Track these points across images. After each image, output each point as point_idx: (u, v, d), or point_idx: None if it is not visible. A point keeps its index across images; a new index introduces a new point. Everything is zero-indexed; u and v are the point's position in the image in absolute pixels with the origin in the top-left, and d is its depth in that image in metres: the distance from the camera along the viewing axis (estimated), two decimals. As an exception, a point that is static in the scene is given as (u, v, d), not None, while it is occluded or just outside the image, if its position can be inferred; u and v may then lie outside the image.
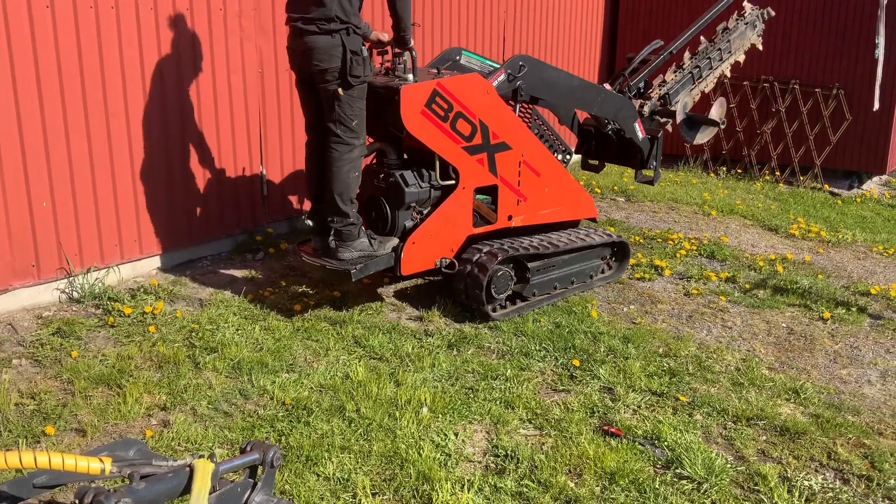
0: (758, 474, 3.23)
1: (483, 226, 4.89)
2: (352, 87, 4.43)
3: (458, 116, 4.55)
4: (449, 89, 4.49)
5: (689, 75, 5.78)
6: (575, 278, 5.15)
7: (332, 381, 3.83)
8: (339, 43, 4.36)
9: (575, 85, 5.17)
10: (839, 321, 4.88)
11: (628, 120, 5.37)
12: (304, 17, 4.40)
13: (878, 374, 4.22)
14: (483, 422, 3.59)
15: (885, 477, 3.26)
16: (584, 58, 9.79)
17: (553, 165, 5.13)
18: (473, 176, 4.72)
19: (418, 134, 4.49)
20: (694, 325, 4.78)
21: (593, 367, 4.12)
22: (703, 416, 3.71)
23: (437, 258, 4.71)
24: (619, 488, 3.10)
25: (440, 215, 4.67)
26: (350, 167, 4.51)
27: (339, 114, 4.45)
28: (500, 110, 4.76)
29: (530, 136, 5.01)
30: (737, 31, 6.03)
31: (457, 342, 4.36)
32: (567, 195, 5.24)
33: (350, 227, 4.56)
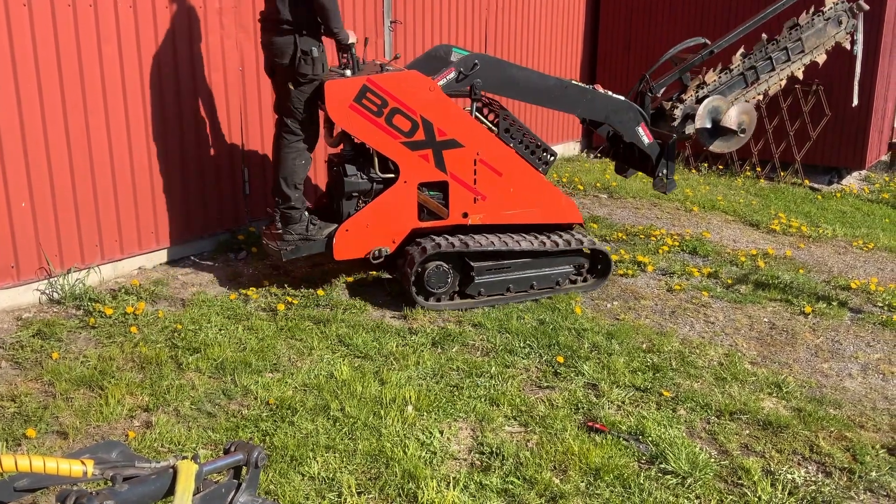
0: (741, 468, 3.25)
1: (432, 220, 4.90)
2: (301, 85, 4.76)
3: (394, 112, 4.63)
4: (381, 85, 4.57)
5: (741, 77, 5.35)
6: (536, 282, 5.05)
7: (317, 381, 3.82)
8: (292, 42, 4.67)
9: (548, 84, 5.07)
10: (820, 315, 4.92)
11: (626, 123, 5.20)
12: (266, 16, 4.81)
13: (858, 368, 4.26)
14: (468, 419, 3.59)
15: (867, 469, 3.29)
16: (565, 52, 9.81)
17: (520, 166, 5.03)
18: (416, 171, 4.78)
19: (347, 126, 4.65)
20: (677, 321, 4.80)
21: (577, 364, 4.13)
22: (687, 411, 3.73)
23: (372, 247, 4.81)
24: (604, 484, 3.11)
25: (376, 206, 4.79)
26: (296, 155, 4.87)
27: (290, 107, 4.81)
28: (446, 108, 4.75)
29: (488, 135, 4.94)
30: (811, 28, 5.45)
31: (441, 340, 4.36)
32: (540, 198, 5.11)
33: (291, 211, 4.87)
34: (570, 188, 8.24)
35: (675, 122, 5.25)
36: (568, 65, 9.89)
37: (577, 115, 5.31)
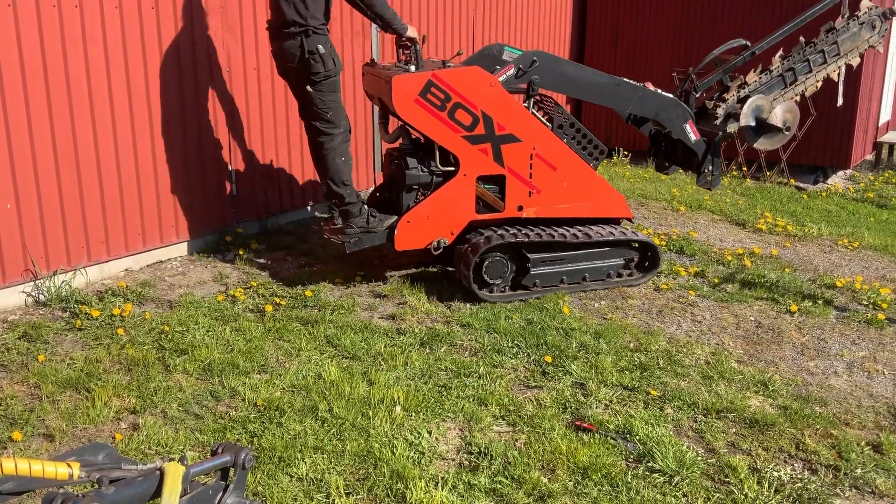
0: (728, 466, 3.27)
1: (488, 213, 5.03)
2: (317, 84, 4.82)
3: (456, 106, 4.76)
4: (446, 80, 4.71)
5: (780, 78, 5.51)
6: (588, 274, 5.19)
7: (305, 382, 3.81)
8: (298, 45, 4.75)
9: (602, 81, 5.22)
10: (806, 314, 4.96)
11: (675, 120, 5.34)
12: (273, 23, 4.89)
13: (844, 366, 4.29)
14: (456, 419, 3.59)
15: (852, 466, 3.32)
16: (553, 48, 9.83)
17: (573, 161, 5.17)
18: (475, 164, 4.91)
19: (411, 121, 4.77)
20: (664, 320, 4.82)
21: (565, 363, 4.14)
22: (674, 409, 3.75)
23: (432, 239, 4.95)
24: (591, 483, 3.12)
25: (436, 198, 4.91)
26: (334, 154, 4.96)
27: (314, 109, 4.89)
28: (507, 103, 4.89)
29: (544, 131, 5.08)
30: (847, 31, 5.63)
31: (429, 340, 4.36)
32: (592, 192, 5.25)
33: (349, 207, 5.00)
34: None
35: (718, 120, 5.40)
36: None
37: (628, 111, 5.36)
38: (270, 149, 6.16)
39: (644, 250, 5.37)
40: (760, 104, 5.37)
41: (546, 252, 5.03)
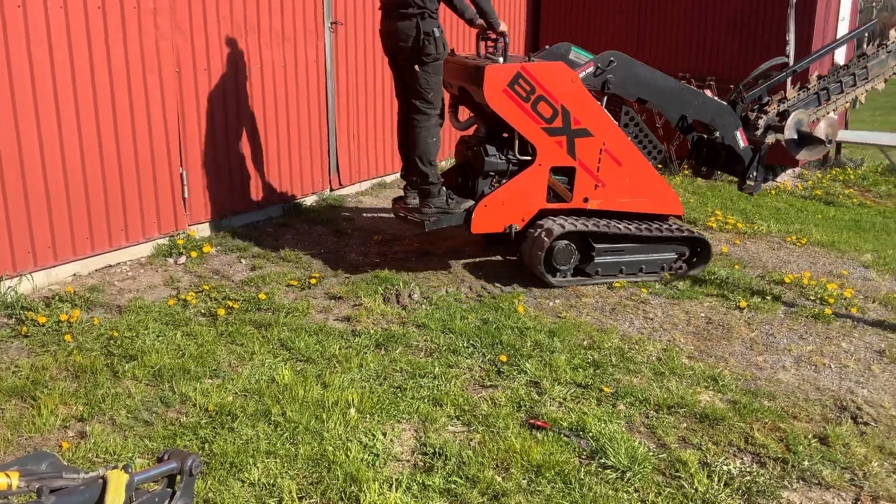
0: (679, 461, 3.32)
1: (557, 202, 5.31)
2: (426, 65, 5.06)
3: (539, 99, 5.03)
4: (532, 73, 4.98)
5: (815, 96, 5.92)
6: (645, 266, 5.47)
7: (258, 386, 3.77)
8: (414, 25, 4.99)
9: (670, 85, 5.56)
10: (755, 310, 5.05)
11: (728, 127, 5.67)
12: (389, 3, 5.12)
13: (792, 360, 4.38)
14: (411, 420, 3.59)
15: (800, 459, 3.38)
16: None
17: (637, 158, 5.43)
18: (550, 155, 5.18)
19: (499, 110, 5.02)
20: (617, 318, 4.87)
21: (520, 362, 4.16)
22: (627, 405, 3.79)
23: (505, 224, 5.24)
24: (545, 480, 3.14)
25: (513, 185, 5.20)
26: (427, 133, 5.16)
27: (417, 88, 5.11)
28: (584, 99, 5.16)
29: (614, 128, 5.33)
30: (876, 58, 6.06)
31: (385, 342, 4.35)
32: (650, 189, 5.51)
33: (430, 187, 5.21)
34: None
35: (759, 131, 5.80)
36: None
37: (688, 115, 5.68)
38: (222, 150, 6.08)
39: (693, 246, 5.61)
40: (801, 118, 5.78)
41: (609, 243, 5.30)
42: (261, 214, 6.57)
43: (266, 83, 6.39)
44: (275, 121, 6.53)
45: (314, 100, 6.91)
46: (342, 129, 7.34)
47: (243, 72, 6.17)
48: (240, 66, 6.13)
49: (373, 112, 7.72)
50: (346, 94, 7.31)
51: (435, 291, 5.14)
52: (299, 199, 6.96)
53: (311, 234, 6.32)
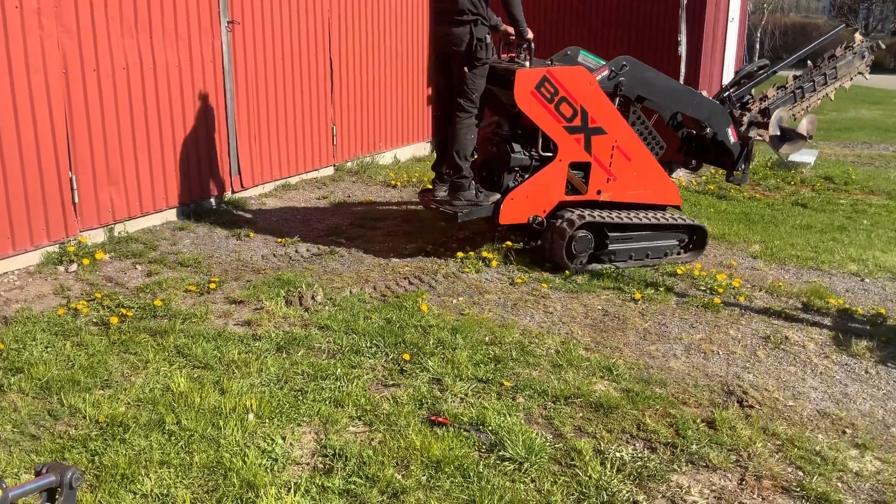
0: (574, 450, 3.41)
1: (574, 195, 5.78)
2: (475, 67, 5.53)
3: (562, 100, 5.50)
4: (557, 76, 5.46)
5: (791, 94, 6.49)
6: (650, 252, 5.93)
7: (151, 395, 3.68)
8: (468, 31, 5.45)
9: (672, 87, 6.17)
10: (649, 301, 5.23)
11: (721, 124, 6.20)
12: (444, 10, 5.55)
13: (682, 348, 4.56)
14: (312, 423, 3.56)
15: (688, 443, 3.53)
16: (412, 54, 9.90)
17: (644, 154, 5.92)
18: (570, 152, 5.65)
19: (527, 110, 5.47)
20: (518, 313, 4.97)
21: (423, 360, 4.19)
22: (526, 398, 3.87)
23: (529, 215, 5.69)
24: (444, 475, 3.17)
25: (537, 180, 5.66)
26: (467, 130, 5.61)
27: (464, 88, 5.56)
28: (600, 100, 5.64)
29: (625, 126, 5.82)
30: (843, 59, 6.71)
31: (286, 345, 4.30)
32: (654, 182, 6.02)
33: (462, 180, 5.66)
34: (420, 187, 8.33)
35: (743, 127, 6.35)
36: (416, 68, 9.99)
37: (688, 113, 6.23)
38: (115, 153, 5.89)
39: (692, 234, 6.09)
40: (783, 115, 6.40)
41: (621, 232, 5.75)
42: (158, 219, 6.39)
43: (160, 83, 6.22)
44: (170, 122, 6.36)
45: (212, 100, 6.77)
46: (243, 130, 7.22)
47: (136, 72, 5.99)
48: (132, 67, 5.95)
49: (274, 112, 7.62)
50: (245, 95, 7.19)
51: (339, 292, 5.12)
52: (199, 201, 6.81)
53: (212, 238, 6.19)
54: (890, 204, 8.46)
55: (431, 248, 6.12)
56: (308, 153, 8.23)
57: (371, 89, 9.13)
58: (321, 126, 8.34)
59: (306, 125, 8.10)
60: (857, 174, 9.96)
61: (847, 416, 3.84)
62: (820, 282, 5.77)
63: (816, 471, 3.34)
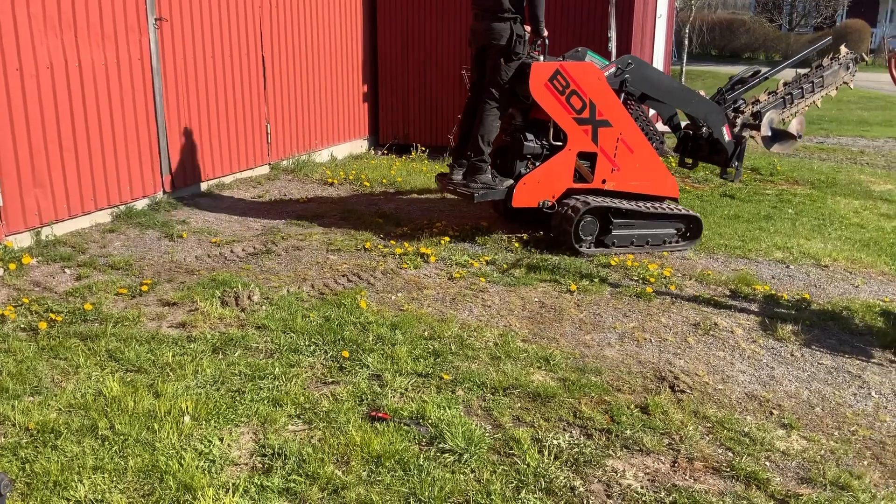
0: (513, 439, 3.46)
1: (581, 183, 6.20)
2: (511, 61, 6.04)
3: (572, 93, 5.94)
4: (569, 70, 5.92)
5: (781, 100, 7.00)
6: (650, 239, 6.31)
7: (83, 400, 3.59)
8: (508, 28, 5.98)
9: (673, 86, 6.68)
10: (584, 292, 5.33)
11: (717, 123, 6.64)
12: (487, 7, 6.04)
13: (616, 337, 4.67)
14: (250, 423, 3.54)
15: (622, 428, 3.61)
16: (345, 52, 9.86)
17: (646, 147, 6.34)
18: (578, 142, 6.08)
19: (540, 100, 5.90)
20: (457, 307, 5.01)
21: (362, 357, 4.19)
22: (465, 391, 3.90)
23: (540, 199, 6.12)
24: (385, 470, 3.18)
25: (547, 167, 6.10)
26: (493, 117, 6.12)
27: (497, 79, 6.05)
28: (607, 95, 6.09)
29: (630, 120, 6.24)
30: (830, 69, 7.24)
31: (223, 345, 4.25)
32: (655, 174, 6.41)
33: (481, 163, 6.14)
34: (357, 185, 8.32)
35: (737, 128, 6.83)
36: (351, 64, 9.95)
37: (686, 111, 6.71)
38: (41, 155, 5.72)
39: (689, 224, 6.43)
40: (773, 117, 6.88)
41: (624, 218, 6.14)
42: (87, 221, 6.23)
43: (86, 83, 6.06)
44: (97, 122, 6.21)
45: (140, 100, 6.63)
46: (173, 129, 7.08)
47: (60, 72, 5.82)
48: (56, 67, 5.78)
49: (206, 111, 7.50)
50: (175, 93, 7.06)
51: (276, 291, 5.08)
52: (130, 203, 6.66)
53: (143, 240, 6.07)
54: (814, 193, 8.78)
55: (370, 245, 6.12)
56: (242, 152, 8.12)
57: (306, 87, 9.06)
58: (255, 124, 8.25)
59: (239, 124, 7.99)
60: (781, 165, 10.31)
61: (774, 397, 3.98)
62: (747, 269, 5.96)
63: (745, 451, 3.46)
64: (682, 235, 6.45)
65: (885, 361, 4.46)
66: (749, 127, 6.90)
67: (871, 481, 3.27)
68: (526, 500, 3.03)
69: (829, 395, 4.03)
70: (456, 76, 10.05)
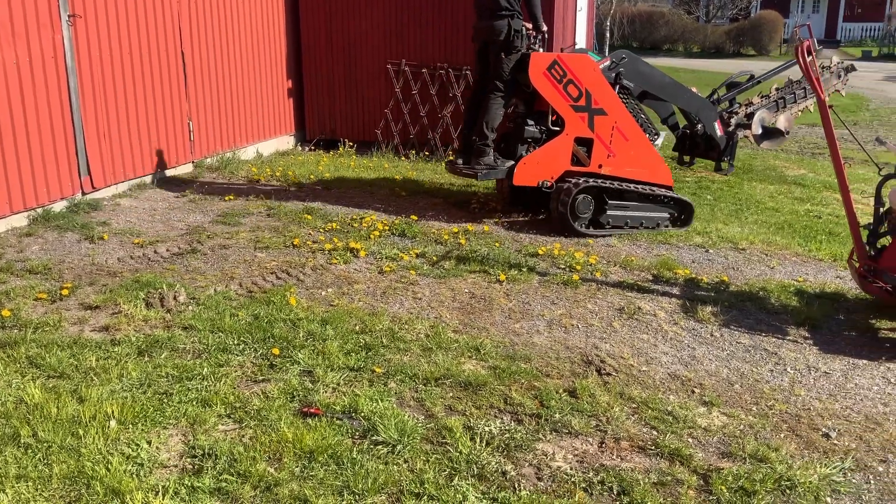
0: (445, 428, 3.50)
1: (578, 166, 6.65)
2: (511, 54, 6.60)
3: (569, 82, 6.44)
4: (565, 61, 6.45)
5: (774, 103, 7.46)
6: (644, 221, 6.72)
7: (3, 409, 3.48)
8: (506, 24, 6.52)
9: (666, 81, 7.07)
10: (513, 281, 5.41)
11: (709, 119, 7.13)
12: (486, 6, 6.61)
13: (545, 324, 4.76)
14: (179, 425, 3.48)
15: (552, 412, 3.69)
16: (268, 46, 9.73)
17: (640, 136, 6.76)
18: (575, 128, 6.57)
19: (539, 88, 6.43)
20: (388, 301, 5.02)
21: (293, 353, 4.17)
22: (397, 383, 3.93)
23: (539, 179, 6.61)
24: (318, 464, 3.19)
25: (546, 149, 6.61)
26: (497, 106, 6.68)
27: (500, 71, 6.62)
28: (603, 85, 6.57)
29: (624, 110, 6.68)
30: (821, 77, 7.31)
31: (148, 348, 4.17)
32: (649, 162, 6.79)
33: (485, 147, 6.70)
34: (284, 181, 8.23)
35: (731, 127, 7.24)
36: (275, 60, 9.83)
37: (679, 106, 7.19)
38: (-52, 157, 5.49)
39: (681, 209, 6.84)
40: (764, 117, 7.27)
41: (618, 200, 6.57)
42: (2, 225, 6.02)
43: (-4, 82, 5.84)
44: (10, 123, 5.99)
45: (55, 99, 6.42)
46: (91, 128, 6.88)
47: (-34, 70, 5.60)
48: (-39, 64, 5.55)
49: (125, 109, 7.31)
50: (92, 92, 6.86)
51: (203, 291, 5.01)
52: (47, 205, 6.45)
53: (62, 242, 5.89)
54: (731, 179, 9.07)
55: (299, 242, 6.08)
56: (164, 150, 7.95)
57: (229, 83, 8.92)
58: (176, 122, 8.08)
59: (160, 121, 7.82)
60: (700, 153, 10.63)
61: (695, 376, 4.13)
62: (669, 255, 6.15)
63: (669, 429, 3.58)
64: (674, 220, 6.82)
65: (800, 338, 4.67)
66: (742, 126, 7.36)
67: (788, 452, 3.43)
68: (459, 486, 3.08)
69: (748, 372, 4.20)
70: (382, 70, 10.04)
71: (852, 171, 9.85)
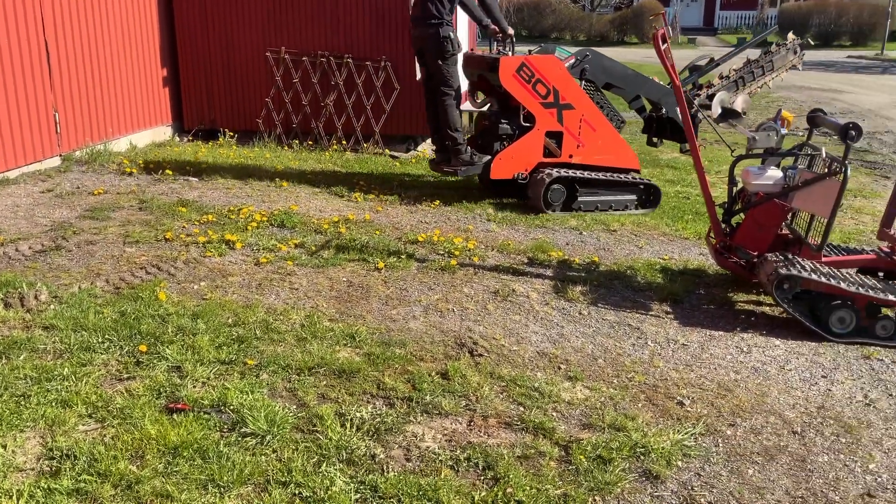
0: (316, 416, 3.50)
1: (550, 157, 7.17)
2: (446, 60, 7.05)
3: (538, 81, 6.94)
4: (532, 63, 6.93)
5: (734, 83, 7.82)
6: (613, 204, 7.26)
7: None
8: (435, 32, 6.97)
9: (627, 73, 7.55)
10: (391, 269, 5.45)
11: (672, 105, 7.51)
12: (417, 16, 7.12)
13: (421, 310, 4.82)
14: (37, 427, 3.35)
15: (423, 395, 3.75)
16: (141, 33, 9.38)
17: (606, 126, 7.30)
18: (545, 123, 7.08)
19: (510, 89, 6.91)
20: (263, 292, 4.97)
21: (161, 349, 4.07)
22: (270, 374, 3.90)
23: (515, 172, 7.15)
24: (183, 459, 3.13)
25: (520, 144, 7.13)
26: (451, 109, 7.16)
27: (441, 77, 7.11)
28: (569, 82, 7.08)
29: (590, 103, 7.22)
30: (778, 54, 8.00)
31: (5, 350, 3.98)
32: (616, 149, 7.35)
33: (458, 146, 7.21)
34: (159, 174, 7.98)
35: (693, 109, 7.35)
36: (148, 48, 9.48)
37: (641, 94, 7.58)
38: None
39: (648, 192, 7.37)
40: (724, 98, 7.45)
41: (588, 187, 7.11)
42: None
43: None
44: None
45: None
46: (-57, 121, 6.47)
47: None
48: None
49: (-19, 101, 6.90)
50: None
51: (66, 289, 4.81)
52: None
53: (-88, 244, 5.53)
54: (606, 164, 9.41)
55: (171, 235, 5.92)
56: (28, 144, 7.56)
57: (98, 72, 8.55)
58: (40, 114, 7.69)
59: (22, 114, 7.43)
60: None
61: (562, 353, 4.29)
62: (544, 238, 6.33)
63: (535, 404, 3.71)
64: (641, 202, 7.34)
65: (662, 313, 4.92)
66: (703, 108, 7.63)
67: (644, 421, 3.61)
68: (326, 472, 3.10)
69: (611, 347, 4.39)
70: (261, 57, 9.85)
71: (718, 153, 10.39)
